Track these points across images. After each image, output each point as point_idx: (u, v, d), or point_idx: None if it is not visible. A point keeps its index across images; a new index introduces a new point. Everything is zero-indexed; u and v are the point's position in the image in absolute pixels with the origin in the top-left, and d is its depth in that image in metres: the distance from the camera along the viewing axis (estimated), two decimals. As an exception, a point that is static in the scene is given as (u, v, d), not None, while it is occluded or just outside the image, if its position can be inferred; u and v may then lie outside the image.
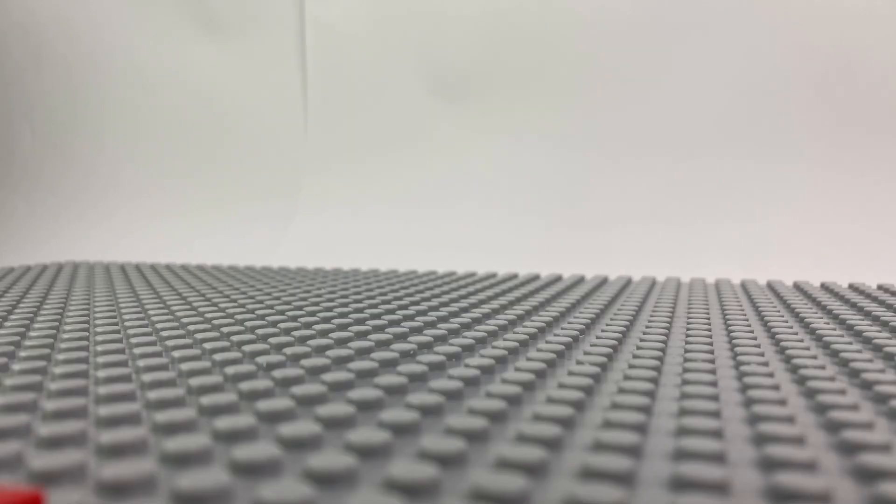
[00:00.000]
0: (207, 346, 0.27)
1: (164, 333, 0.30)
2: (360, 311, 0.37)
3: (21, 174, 1.11)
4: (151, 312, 0.36)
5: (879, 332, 0.32)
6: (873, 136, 0.79)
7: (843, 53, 0.79)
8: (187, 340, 0.29)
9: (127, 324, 0.33)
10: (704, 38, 0.83)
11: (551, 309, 0.37)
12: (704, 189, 0.82)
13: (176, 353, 0.26)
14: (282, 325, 0.32)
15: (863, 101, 0.79)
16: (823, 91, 0.80)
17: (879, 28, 0.78)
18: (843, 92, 0.79)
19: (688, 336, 0.31)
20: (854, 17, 0.78)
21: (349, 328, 0.31)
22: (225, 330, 0.31)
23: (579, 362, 0.25)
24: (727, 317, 0.36)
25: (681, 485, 0.15)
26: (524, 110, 0.88)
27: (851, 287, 0.48)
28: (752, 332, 0.32)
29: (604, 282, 0.53)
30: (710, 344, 0.29)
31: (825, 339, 0.30)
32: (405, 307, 0.38)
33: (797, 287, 0.49)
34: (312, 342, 0.28)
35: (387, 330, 0.31)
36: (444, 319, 0.35)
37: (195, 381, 0.22)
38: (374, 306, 0.38)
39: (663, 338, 0.30)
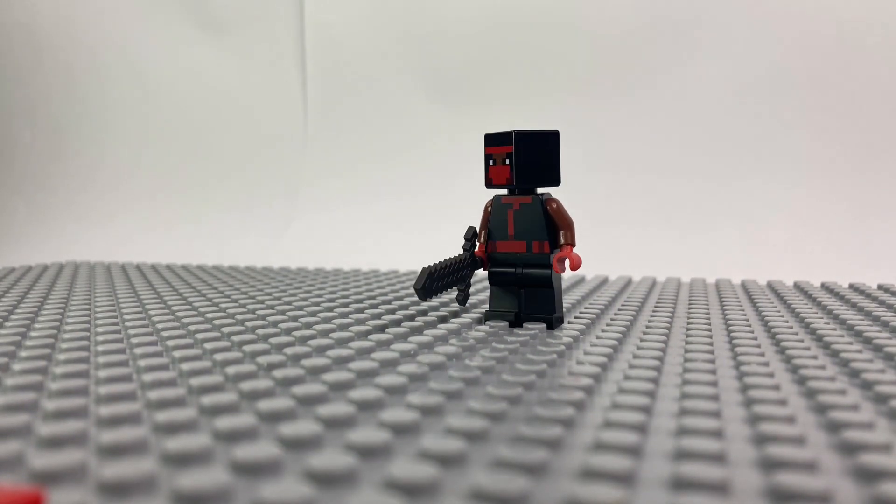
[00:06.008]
0: (208, 346, 0.27)
1: (165, 333, 0.30)
2: (361, 311, 0.37)
3: (21, 175, 1.11)
4: (152, 312, 0.36)
5: (879, 332, 0.32)
6: (873, 136, 0.79)
7: (843, 53, 0.79)
8: (188, 340, 0.29)
9: (127, 324, 0.33)
10: (706, 40, 0.83)
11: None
12: (705, 189, 0.82)
13: (176, 353, 0.26)
14: (282, 325, 0.32)
15: (862, 101, 0.79)
16: (823, 92, 0.80)
17: (880, 28, 0.78)
18: (843, 92, 0.79)
19: (688, 336, 0.31)
20: (854, 18, 0.78)
21: (349, 328, 0.31)
22: (225, 330, 0.31)
23: (579, 362, 0.25)
24: (727, 317, 0.36)
25: (681, 485, 0.15)
26: (524, 112, 0.88)
27: (851, 287, 0.48)
28: (752, 332, 0.32)
29: (604, 282, 0.53)
30: (710, 344, 0.29)
31: (825, 339, 0.30)
32: (405, 307, 0.38)
33: (797, 287, 0.49)
34: (313, 342, 0.28)
35: (387, 330, 0.31)
36: (444, 319, 0.35)
37: (196, 381, 0.22)
38: (375, 306, 0.38)
39: (663, 338, 0.30)
